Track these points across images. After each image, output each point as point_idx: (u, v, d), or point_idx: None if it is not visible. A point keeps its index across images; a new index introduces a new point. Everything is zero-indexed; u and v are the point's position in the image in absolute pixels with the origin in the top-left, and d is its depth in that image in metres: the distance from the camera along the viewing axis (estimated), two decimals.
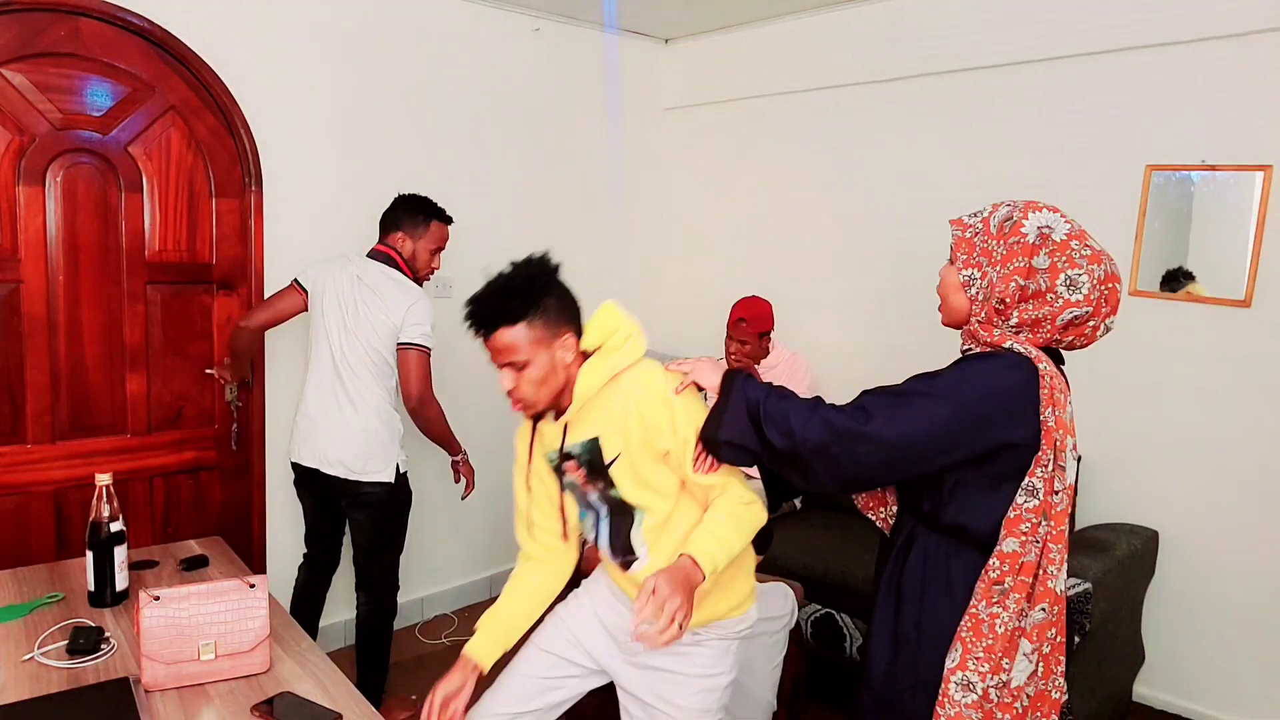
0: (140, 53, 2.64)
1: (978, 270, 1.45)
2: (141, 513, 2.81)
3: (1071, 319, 1.40)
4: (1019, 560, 1.42)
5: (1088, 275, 1.39)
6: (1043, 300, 1.40)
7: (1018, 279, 1.40)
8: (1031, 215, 1.45)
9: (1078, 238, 1.44)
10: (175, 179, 2.76)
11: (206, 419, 2.93)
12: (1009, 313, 1.43)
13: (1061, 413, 1.39)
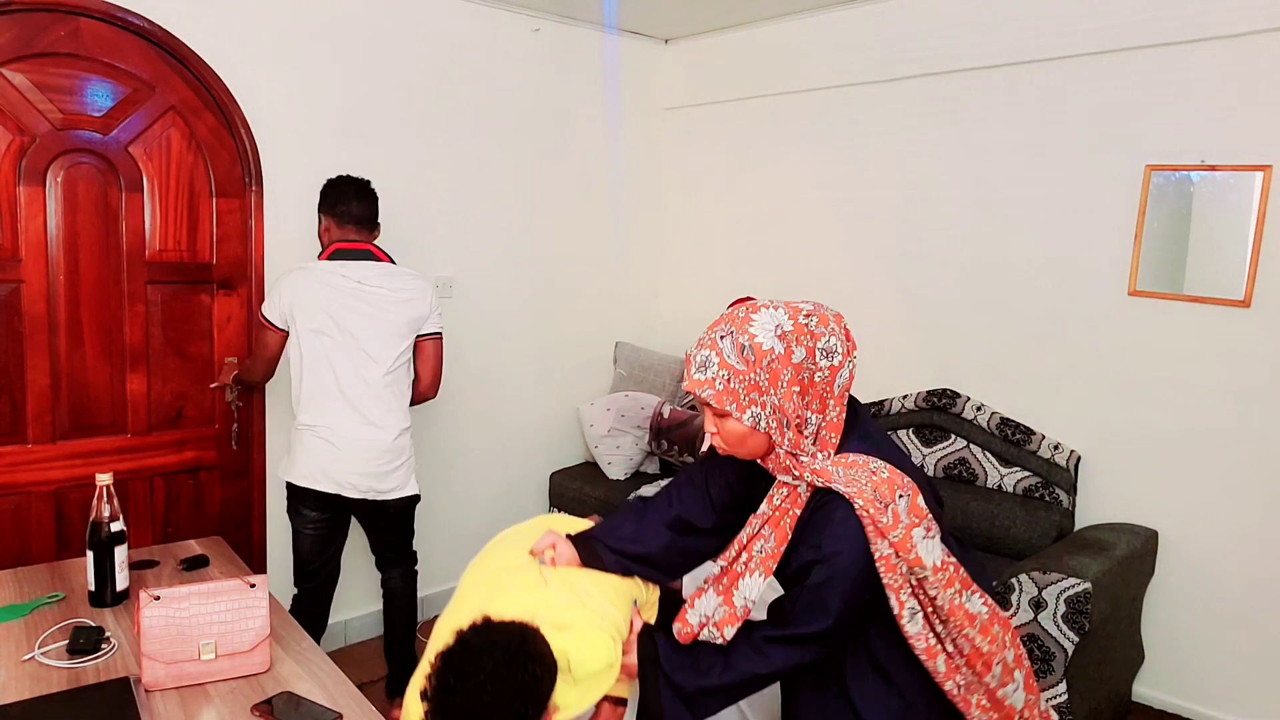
0: (140, 53, 2.64)
1: (757, 407, 1.37)
2: (142, 512, 2.81)
3: (845, 380, 1.41)
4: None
5: (829, 334, 1.39)
6: (815, 386, 1.39)
7: (795, 386, 1.37)
8: (754, 327, 1.37)
9: (796, 313, 1.39)
10: (175, 179, 2.76)
11: (207, 419, 2.93)
12: (804, 417, 1.40)
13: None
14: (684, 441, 3.70)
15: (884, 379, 3.47)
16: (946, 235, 3.28)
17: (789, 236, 3.79)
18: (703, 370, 1.39)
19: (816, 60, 3.58)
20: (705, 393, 1.38)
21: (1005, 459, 3.03)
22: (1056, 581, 2.37)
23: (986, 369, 3.17)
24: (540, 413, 3.88)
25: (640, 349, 4.13)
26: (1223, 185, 2.65)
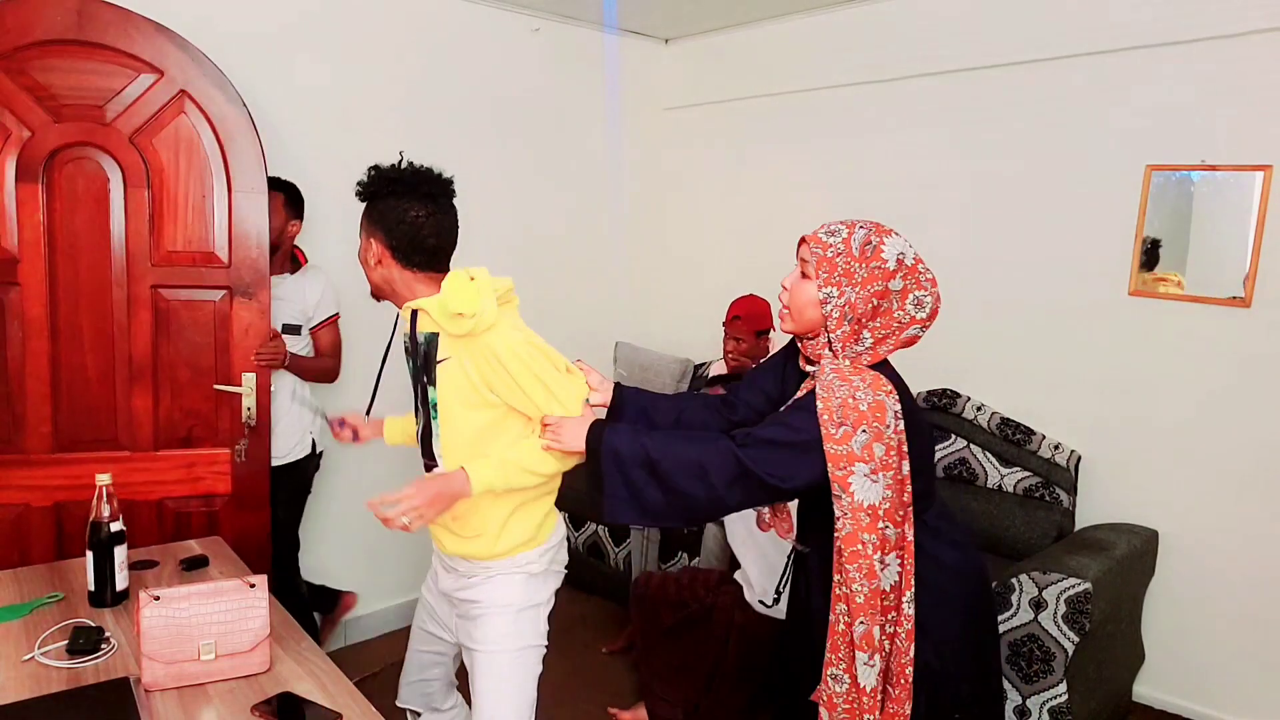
0: (146, 35, 2.45)
1: (836, 289, 1.55)
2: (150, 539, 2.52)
3: (914, 335, 1.59)
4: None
5: (931, 296, 1.58)
6: (892, 318, 1.57)
7: (876, 300, 1.54)
8: (888, 241, 1.57)
9: (921, 261, 1.59)
10: (185, 175, 2.53)
11: (221, 439, 2.65)
12: (862, 330, 1.56)
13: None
14: None
15: None
16: (946, 235, 3.28)
17: (789, 236, 3.77)
18: (828, 235, 1.59)
19: (816, 60, 3.58)
20: (815, 250, 1.58)
21: (1005, 459, 3.03)
22: (1056, 581, 2.37)
23: (986, 369, 3.17)
24: None
25: (640, 349, 4.13)
26: (1223, 185, 2.65)
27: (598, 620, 3.53)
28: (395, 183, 1.80)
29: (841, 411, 1.50)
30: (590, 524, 3.69)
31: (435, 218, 1.78)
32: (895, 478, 1.53)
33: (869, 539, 1.51)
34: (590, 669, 3.13)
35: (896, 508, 1.54)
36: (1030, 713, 2.41)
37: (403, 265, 1.77)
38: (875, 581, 1.52)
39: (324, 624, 3.16)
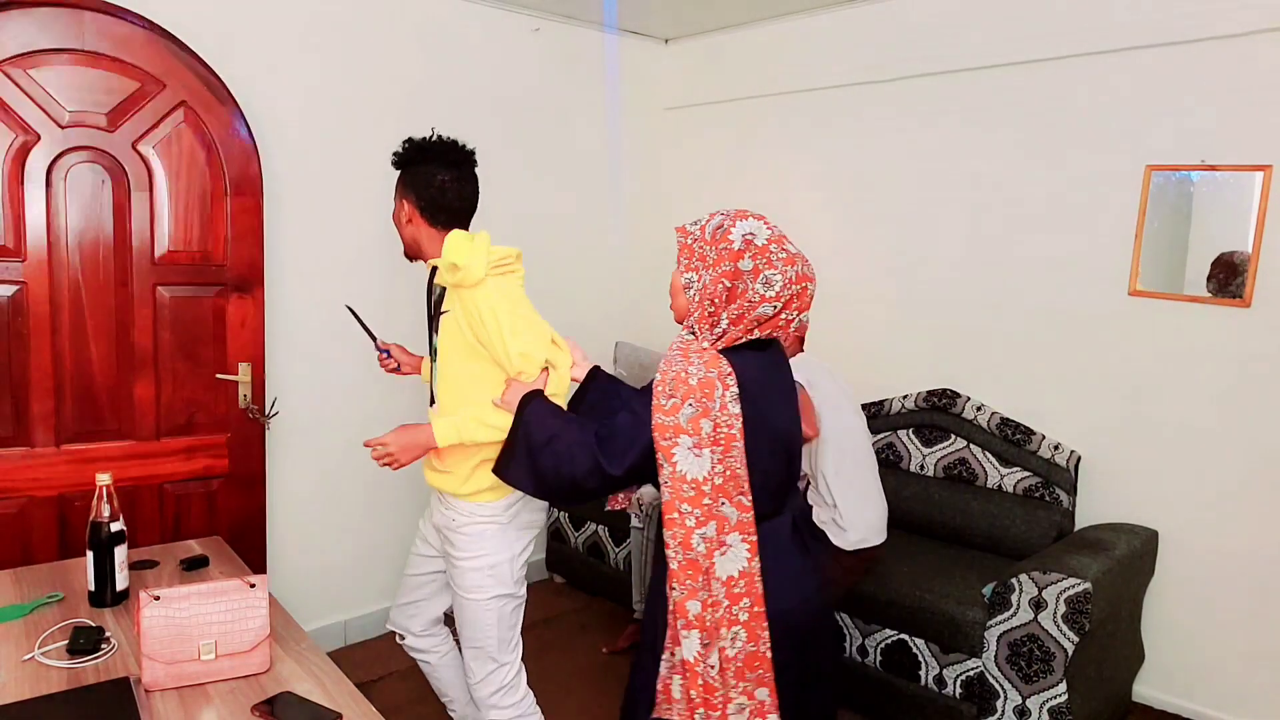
0: (148, 46, 2.55)
1: (695, 274, 1.63)
2: (151, 521, 2.70)
3: (765, 315, 1.60)
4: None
5: (781, 275, 1.60)
6: (745, 299, 1.59)
7: (725, 281, 1.59)
8: (739, 223, 1.64)
9: (776, 242, 1.63)
10: (186, 177, 2.66)
11: (219, 425, 2.81)
12: (719, 313, 1.60)
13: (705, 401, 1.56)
14: None
15: (884, 379, 3.47)
16: (946, 235, 3.28)
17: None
18: (692, 224, 1.71)
19: (816, 60, 3.58)
20: (679, 238, 1.69)
21: (1005, 459, 3.03)
22: (1056, 581, 2.38)
23: (986, 369, 3.17)
24: None
25: (640, 349, 4.13)
26: (1223, 185, 2.65)
27: (598, 620, 3.53)
28: (425, 151, 2.05)
29: (674, 385, 1.57)
30: (590, 524, 3.70)
31: (458, 182, 2.03)
32: (728, 456, 1.56)
33: (687, 510, 1.55)
34: (592, 669, 3.13)
35: (733, 487, 1.56)
36: (1030, 713, 2.41)
37: (429, 223, 2.03)
38: (689, 552, 1.55)
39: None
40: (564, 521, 3.82)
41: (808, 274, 1.65)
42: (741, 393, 1.57)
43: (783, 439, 1.68)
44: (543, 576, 3.95)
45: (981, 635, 2.51)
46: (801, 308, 1.64)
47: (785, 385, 1.72)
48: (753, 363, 1.63)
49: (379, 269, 3.21)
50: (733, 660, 1.59)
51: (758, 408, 1.60)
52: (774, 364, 1.70)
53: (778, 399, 1.68)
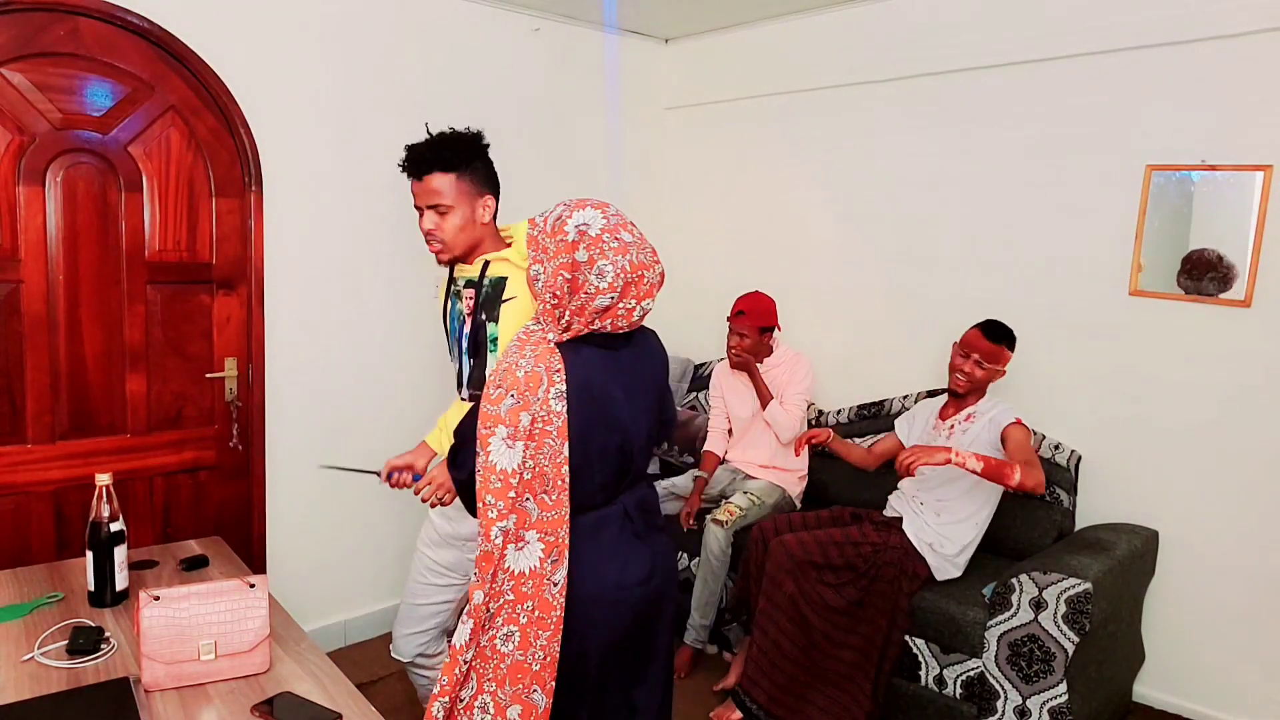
0: (140, 52, 2.64)
1: (541, 266, 1.61)
2: (142, 512, 2.81)
3: (603, 305, 1.58)
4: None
5: (613, 265, 1.56)
6: (583, 290, 1.58)
7: (564, 273, 1.58)
8: (576, 214, 1.60)
9: (611, 231, 1.58)
10: (175, 179, 2.75)
11: (206, 418, 2.92)
12: (562, 305, 1.59)
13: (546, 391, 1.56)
14: (684, 441, 3.69)
15: (884, 379, 3.47)
16: (946, 235, 3.28)
17: (789, 236, 3.79)
18: (540, 217, 1.67)
19: (816, 60, 3.58)
20: (529, 231, 1.67)
21: None
22: (1057, 582, 2.37)
23: None
24: None
25: None
26: (1223, 185, 2.65)
27: None
28: (484, 144, 1.98)
29: (503, 375, 1.56)
30: None
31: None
32: (541, 452, 1.55)
33: (491, 501, 1.54)
34: None
35: (539, 484, 1.56)
36: (1030, 713, 2.41)
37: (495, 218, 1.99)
38: (487, 544, 1.55)
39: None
40: None
41: (644, 261, 1.60)
42: (570, 390, 1.56)
43: (623, 435, 1.65)
44: None
45: (982, 635, 2.51)
46: (641, 296, 1.61)
47: (636, 382, 1.69)
48: (593, 360, 1.62)
49: (379, 267, 3.21)
50: (505, 658, 1.58)
51: (594, 404, 1.60)
52: (625, 360, 1.67)
53: (620, 396, 1.65)
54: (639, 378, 1.70)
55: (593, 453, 1.61)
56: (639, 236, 1.62)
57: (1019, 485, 2.44)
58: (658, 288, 1.64)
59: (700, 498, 3.29)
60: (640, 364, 1.71)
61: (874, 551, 2.69)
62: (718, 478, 3.40)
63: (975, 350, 2.72)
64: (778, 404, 3.21)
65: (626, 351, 1.68)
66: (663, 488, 3.34)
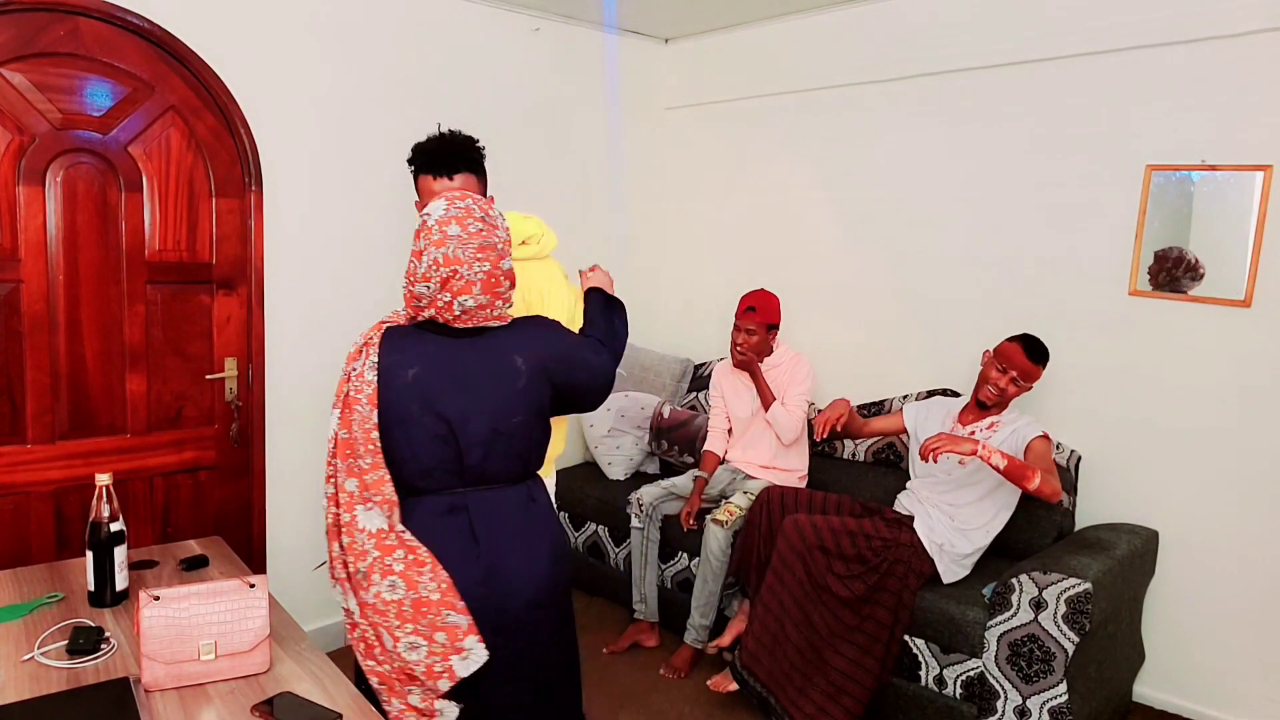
0: (140, 52, 2.64)
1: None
2: (142, 512, 2.81)
3: (422, 294, 1.65)
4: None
5: (429, 256, 1.62)
6: (410, 275, 1.66)
7: (413, 260, 1.65)
8: (432, 203, 1.66)
9: (443, 222, 1.62)
10: (175, 179, 2.75)
11: (206, 418, 2.92)
12: (409, 288, 1.67)
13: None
14: (684, 441, 3.70)
15: (884, 379, 3.47)
16: (946, 235, 3.28)
17: (789, 236, 3.79)
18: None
19: (816, 60, 3.58)
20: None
21: None
22: (1057, 582, 2.37)
23: None
24: None
25: (640, 349, 4.13)
26: (1223, 185, 2.65)
27: (598, 620, 3.53)
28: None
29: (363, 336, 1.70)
30: (590, 524, 3.70)
31: None
32: (352, 418, 1.62)
33: (327, 464, 1.67)
34: (592, 669, 3.13)
35: (353, 449, 1.62)
36: (1030, 713, 2.41)
37: None
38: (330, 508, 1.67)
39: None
40: (564, 522, 3.83)
41: (461, 258, 1.61)
42: (384, 365, 1.63)
43: (447, 424, 1.65)
44: None
45: (982, 635, 2.51)
46: (457, 292, 1.62)
47: (475, 378, 1.66)
48: (424, 345, 1.67)
49: (379, 267, 3.21)
50: (398, 604, 1.61)
51: (411, 386, 1.64)
52: (464, 353, 1.67)
53: (446, 385, 1.65)
54: (479, 374, 1.66)
55: (411, 435, 1.65)
56: (473, 234, 1.62)
57: (1037, 490, 2.45)
58: (483, 287, 1.63)
59: (700, 498, 3.30)
60: (483, 362, 1.67)
61: (884, 546, 2.68)
62: (718, 477, 3.40)
63: (1014, 367, 2.70)
64: (780, 405, 3.21)
65: (468, 346, 1.68)
66: (663, 487, 3.34)
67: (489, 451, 1.69)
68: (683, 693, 2.97)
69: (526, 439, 1.73)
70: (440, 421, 1.65)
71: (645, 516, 3.29)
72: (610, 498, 3.61)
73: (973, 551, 2.75)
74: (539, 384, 1.71)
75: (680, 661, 3.10)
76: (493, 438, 1.68)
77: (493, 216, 1.69)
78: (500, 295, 1.68)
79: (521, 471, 1.76)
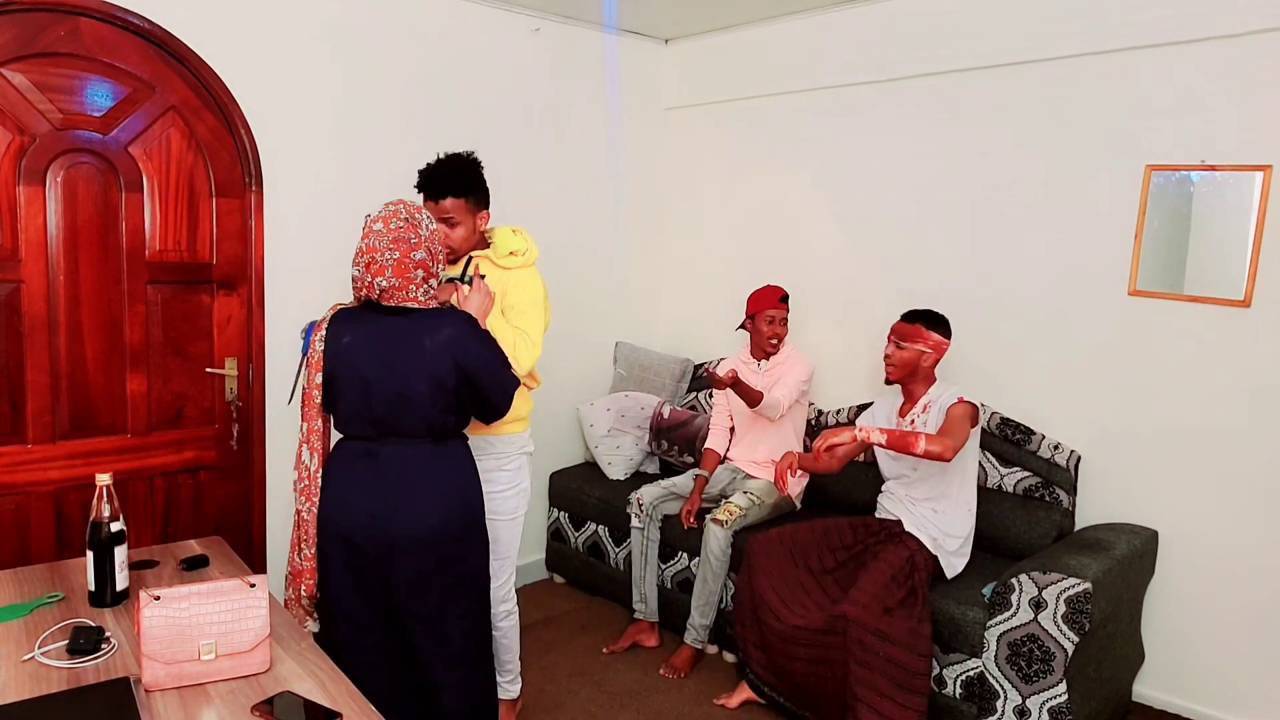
0: (140, 53, 2.64)
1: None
2: (142, 512, 2.81)
3: (354, 275, 2.06)
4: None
5: (359, 246, 2.04)
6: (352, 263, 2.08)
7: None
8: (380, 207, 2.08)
9: (372, 220, 2.05)
10: (175, 179, 2.76)
11: (206, 419, 2.93)
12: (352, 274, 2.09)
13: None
14: (684, 441, 3.70)
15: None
16: (946, 235, 3.28)
17: (789, 237, 3.79)
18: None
19: (816, 60, 3.58)
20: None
21: (1005, 459, 3.03)
22: (1056, 581, 2.38)
23: (986, 369, 3.17)
24: (540, 413, 3.87)
25: (640, 349, 4.13)
26: (1223, 185, 2.65)
27: (598, 620, 3.53)
28: (481, 167, 2.45)
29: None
30: (590, 524, 3.70)
31: None
32: (310, 380, 2.07)
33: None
34: (592, 669, 3.13)
35: (309, 404, 2.09)
36: (1030, 713, 2.41)
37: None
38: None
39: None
40: (564, 522, 3.83)
41: (378, 247, 2.01)
42: (328, 335, 2.06)
43: (365, 382, 2.04)
44: (543, 576, 3.95)
45: (981, 635, 2.51)
46: (374, 274, 2.01)
47: (394, 347, 2.02)
48: (354, 318, 2.07)
49: None
50: (310, 522, 2.12)
51: (342, 350, 2.05)
52: (387, 327, 2.04)
53: (368, 350, 2.04)
54: (394, 347, 2.03)
55: (340, 389, 2.06)
56: (393, 229, 2.02)
57: (925, 452, 2.52)
58: (394, 270, 2.01)
59: (700, 497, 3.30)
60: (400, 337, 2.03)
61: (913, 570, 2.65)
62: (718, 477, 3.40)
63: (893, 333, 2.84)
64: (768, 391, 3.21)
65: (391, 324, 2.05)
66: (663, 487, 3.34)
67: (394, 410, 2.05)
68: (683, 693, 2.98)
69: (430, 406, 2.05)
70: (360, 379, 2.04)
71: (645, 516, 3.29)
72: (610, 498, 3.61)
73: (964, 539, 2.75)
74: (444, 365, 2.03)
75: (680, 661, 3.10)
76: (398, 399, 2.04)
77: (418, 219, 2.07)
78: (411, 280, 2.03)
79: (425, 431, 2.08)
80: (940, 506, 2.75)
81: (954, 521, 2.74)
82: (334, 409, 2.11)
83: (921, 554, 2.67)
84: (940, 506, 2.75)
